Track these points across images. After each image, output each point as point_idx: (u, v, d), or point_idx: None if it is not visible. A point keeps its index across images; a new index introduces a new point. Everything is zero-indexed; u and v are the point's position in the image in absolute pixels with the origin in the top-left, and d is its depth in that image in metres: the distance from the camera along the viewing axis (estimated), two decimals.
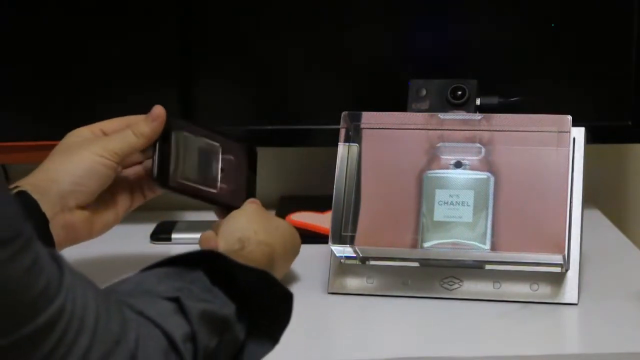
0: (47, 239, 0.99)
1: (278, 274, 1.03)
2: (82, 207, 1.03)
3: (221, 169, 1.11)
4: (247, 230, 1.03)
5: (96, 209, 1.05)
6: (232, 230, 1.03)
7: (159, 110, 1.06)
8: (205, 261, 0.80)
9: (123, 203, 1.09)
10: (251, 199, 1.11)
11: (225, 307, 0.78)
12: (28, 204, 0.98)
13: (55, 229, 1.00)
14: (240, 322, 0.79)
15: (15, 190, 0.99)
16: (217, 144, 1.11)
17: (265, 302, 0.81)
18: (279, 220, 1.10)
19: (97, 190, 1.04)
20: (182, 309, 0.75)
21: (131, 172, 1.10)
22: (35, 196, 0.99)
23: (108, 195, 1.07)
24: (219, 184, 1.11)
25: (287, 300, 0.81)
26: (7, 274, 0.61)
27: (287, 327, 0.82)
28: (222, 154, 1.11)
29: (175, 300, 0.75)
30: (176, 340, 0.72)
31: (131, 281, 0.79)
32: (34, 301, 0.63)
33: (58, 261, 0.67)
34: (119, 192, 1.08)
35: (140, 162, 1.10)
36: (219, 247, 1.00)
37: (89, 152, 1.03)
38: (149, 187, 1.10)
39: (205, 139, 1.10)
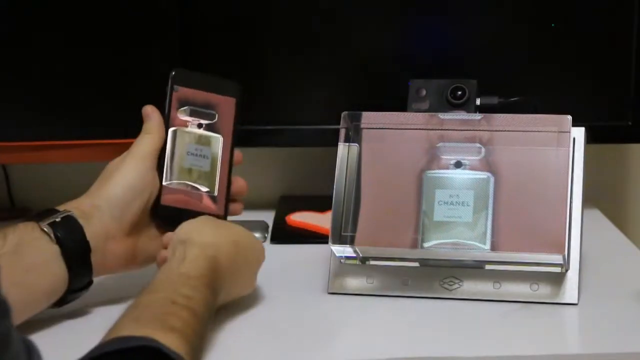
0: (87, 267, 1.00)
1: (230, 276, 1.00)
2: (125, 235, 1.03)
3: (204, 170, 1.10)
4: (192, 232, 1.00)
5: (138, 238, 1.05)
6: (179, 233, 1.01)
7: (150, 110, 1.07)
8: (147, 349, 0.79)
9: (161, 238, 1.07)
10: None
11: None
12: (74, 229, 0.99)
13: (95, 258, 1.00)
14: None
15: (63, 214, 0.99)
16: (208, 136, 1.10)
17: None
18: (231, 224, 1.05)
19: (138, 210, 1.04)
20: None
21: None
22: (80, 221, 0.99)
23: (150, 225, 1.06)
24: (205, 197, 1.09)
25: None
26: None
27: None
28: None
29: None
30: None
31: None
32: None
33: (30, 351, 0.66)
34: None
35: None
36: (167, 257, 0.99)
37: (125, 170, 1.03)
38: None
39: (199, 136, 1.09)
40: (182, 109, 1.08)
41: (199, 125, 1.08)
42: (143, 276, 1.01)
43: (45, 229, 0.97)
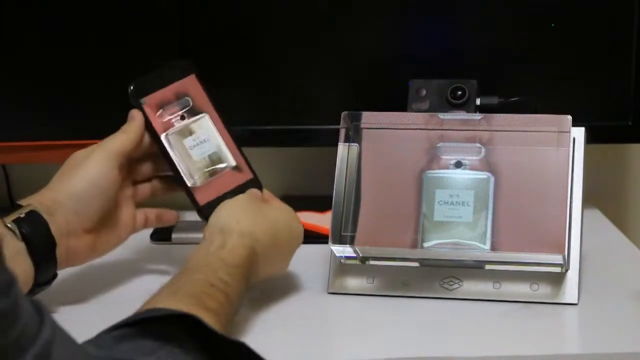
0: (52, 261, 1.00)
1: (264, 265, 1.01)
2: (87, 231, 1.03)
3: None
4: (230, 219, 1.01)
5: (99, 233, 1.05)
6: (217, 219, 1.02)
7: (134, 113, 1.07)
8: (183, 322, 0.80)
9: (126, 226, 1.08)
10: (252, 190, 1.08)
11: None
12: (39, 224, 0.98)
13: (59, 253, 1.00)
14: None
15: (27, 210, 0.98)
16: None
17: None
18: (270, 208, 1.06)
19: (101, 207, 1.04)
20: None
21: (139, 195, 1.10)
22: (44, 217, 0.99)
23: (111, 219, 1.07)
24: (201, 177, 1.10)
25: None
26: None
27: None
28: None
29: None
30: None
31: (105, 345, 0.77)
32: (3, 349, 0.62)
33: (41, 314, 0.66)
34: (122, 215, 1.08)
35: (147, 180, 1.11)
36: (202, 243, 1.00)
37: (90, 165, 1.03)
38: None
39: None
40: (158, 114, 1.08)
41: (182, 117, 1.09)
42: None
43: (9, 226, 0.97)
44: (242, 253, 0.97)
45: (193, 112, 1.09)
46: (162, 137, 1.07)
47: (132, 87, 1.08)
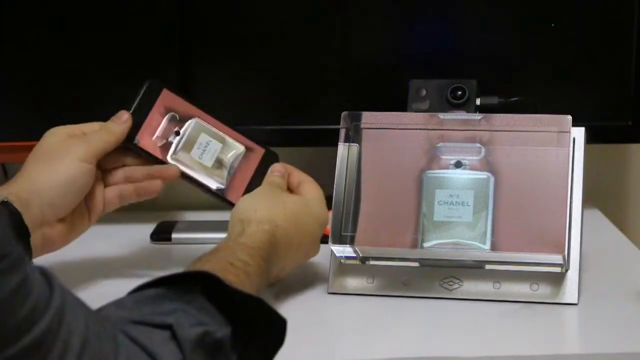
0: (27, 252, 0.99)
1: (288, 250, 1.03)
2: (60, 220, 1.04)
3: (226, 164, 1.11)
4: (248, 210, 1.03)
5: (72, 220, 1.05)
6: (236, 212, 1.04)
7: (125, 116, 1.07)
8: (201, 282, 0.80)
9: (95, 210, 1.08)
10: (275, 171, 1.10)
11: (220, 329, 0.78)
12: (11, 216, 0.97)
13: (34, 241, 1.00)
14: (234, 346, 0.79)
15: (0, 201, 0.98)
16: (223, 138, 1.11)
17: (259, 325, 0.81)
18: (290, 196, 1.07)
19: (77, 201, 1.04)
20: (175, 337, 0.75)
21: (110, 180, 1.09)
22: (18, 207, 0.98)
23: (83, 204, 1.06)
24: (217, 177, 1.10)
25: (281, 325, 0.82)
26: None
27: (279, 350, 0.82)
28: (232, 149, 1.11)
29: (169, 327, 0.75)
30: None
31: (126, 305, 0.78)
32: (18, 324, 0.62)
33: (50, 282, 0.66)
34: (92, 200, 1.07)
35: (119, 167, 1.09)
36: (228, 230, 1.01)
37: (69, 160, 1.03)
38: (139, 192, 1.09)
39: (216, 131, 1.11)
40: (154, 142, 1.08)
41: (177, 133, 1.09)
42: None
43: None
44: (261, 237, 0.99)
45: (183, 121, 1.10)
46: (170, 159, 1.08)
47: (125, 144, 1.07)
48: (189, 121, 1.10)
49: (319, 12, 1.33)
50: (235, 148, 1.11)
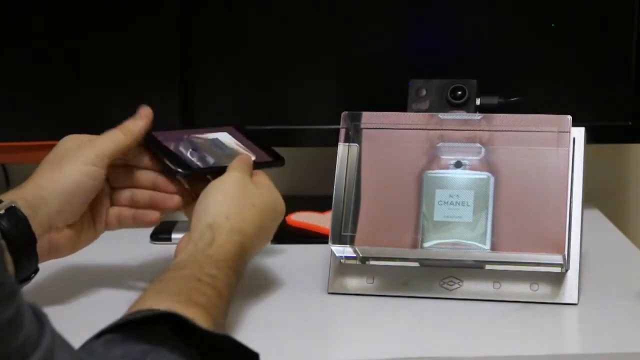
0: (33, 257, 0.99)
1: (251, 253, 1.01)
2: (68, 226, 1.03)
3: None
4: (219, 215, 0.99)
5: (80, 227, 1.05)
6: (205, 212, 1.00)
7: (146, 111, 1.06)
8: (169, 320, 0.80)
9: (100, 222, 1.07)
10: (240, 159, 1.08)
11: None
12: (18, 221, 0.97)
13: (41, 247, 1.00)
14: None
15: (6, 206, 0.97)
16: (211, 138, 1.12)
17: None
18: (256, 193, 1.04)
19: (83, 206, 1.03)
20: None
21: (118, 198, 1.09)
22: (26, 212, 0.98)
23: (91, 214, 1.06)
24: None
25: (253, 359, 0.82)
26: None
27: None
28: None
29: None
30: None
31: (97, 351, 0.76)
32: (8, 356, 0.62)
33: (41, 320, 0.66)
34: (97, 212, 1.07)
35: (127, 186, 1.09)
36: (191, 239, 0.98)
37: (78, 163, 1.02)
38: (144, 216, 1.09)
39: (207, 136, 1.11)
40: (184, 173, 1.07)
41: (194, 153, 1.09)
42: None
43: None
44: (231, 249, 0.97)
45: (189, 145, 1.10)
46: (181, 148, 1.09)
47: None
48: (215, 135, 1.11)
49: (319, 12, 1.32)
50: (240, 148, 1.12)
